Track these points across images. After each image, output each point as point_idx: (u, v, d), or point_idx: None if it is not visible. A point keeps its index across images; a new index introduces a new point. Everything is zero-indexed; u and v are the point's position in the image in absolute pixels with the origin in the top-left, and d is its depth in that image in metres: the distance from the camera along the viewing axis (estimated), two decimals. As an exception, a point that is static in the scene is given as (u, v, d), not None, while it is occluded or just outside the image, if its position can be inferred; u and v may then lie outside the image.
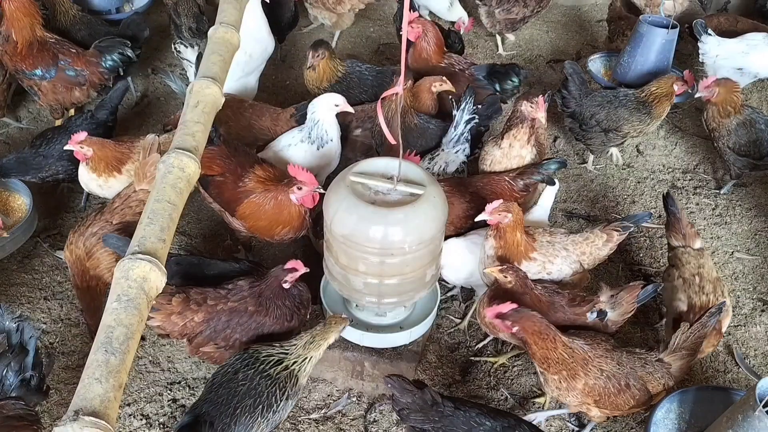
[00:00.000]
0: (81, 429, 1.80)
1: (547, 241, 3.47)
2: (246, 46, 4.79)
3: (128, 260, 2.27)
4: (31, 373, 2.77)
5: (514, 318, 2.98)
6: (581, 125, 4.66)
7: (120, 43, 4.71)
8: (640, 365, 3.10)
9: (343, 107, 3.84)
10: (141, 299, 2.19)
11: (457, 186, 3.73)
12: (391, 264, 3.02)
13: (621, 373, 3.05)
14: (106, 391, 1.91)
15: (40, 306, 3.84)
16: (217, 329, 3.16)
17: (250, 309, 3.17)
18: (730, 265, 4.32)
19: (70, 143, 3.75)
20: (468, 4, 6.22)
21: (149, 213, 2.48)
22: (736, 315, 4.00)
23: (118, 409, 3.31)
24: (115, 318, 2.11)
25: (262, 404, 2.91)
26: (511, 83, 4.66)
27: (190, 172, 2.70)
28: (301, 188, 3.43)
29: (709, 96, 4.45)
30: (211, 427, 2.81)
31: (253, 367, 2.96)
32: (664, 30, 4.89)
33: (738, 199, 4.79)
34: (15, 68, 4.57)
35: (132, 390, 3.49)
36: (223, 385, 2.95)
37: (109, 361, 1.98)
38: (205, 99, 3.05)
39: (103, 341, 2.04)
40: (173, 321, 3.10)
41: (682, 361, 3.16)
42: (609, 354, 3.08)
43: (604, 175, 4.97)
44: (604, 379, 3.02)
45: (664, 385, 3.12)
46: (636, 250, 4.40)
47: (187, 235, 4.31)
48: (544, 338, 2.95)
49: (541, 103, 3.78)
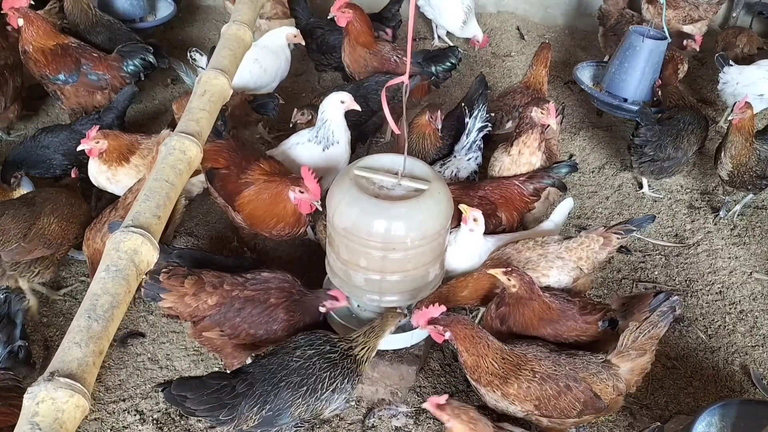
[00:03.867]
0: (55, 390, 1.75)
1: (538, 255, 3.35)
2: (263, 59, 4.91)
3: (120, 233, 2.25)
4: (18, 345, 2.74)
5: (445, 322, 2.84)
6: (666, 160, 4.55)
7: (142, 49, 4.77)
8: (583, 367, 2.92)
9: (349, 105, 3.81)
10: (130, 271, 2.15)
11: (464, 189, 3.66)
12: (393, 259, 2.96)
13: (559, 374, 2.87)
14: (85, 355, 1.87)
15: (44, 299, 3.82)
16: (227, 316, 3.09)
17: (272, 301, 3.11)
18: (748, 285, 4.19)
19: (84, 142, 3.76)
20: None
21: (146, 190, 2.46)
22: (753, 335, 3.87)
23: (113, 404, 3.32)
24: (102, 287, 2.07)
25: (308, 386, 2.84)
26: (450, 64, 4.85)
27: (191, 155, 2.68)
28: (303, 192, 3.41)
29: (740, 119, 4.24)
30: (250, 387, 2.79)
31: (314, 347, 2.91)
32: (654, 41, 4.95)
33: (758, 221, 4.68)
34: (39, 73, 4.66)
35: (128, 386, 3.44)
36: (278, 354, 2.92)
37: (91, 327, 1.94)
38: (213, 89, 3.06)
39: (87, 308, 2.01)
40: (186, 302, 3.04)
41: (632, 362, 2.96)
42: (545, 355, 2.92)
43: (619, 193, 4.89)
44: (538, 381, 2.84)
45: (614, 388, 2.93)
46: (651, 267, 4.28)
47: (194, 236, 4.29)
48: (476, 343, 2.81)
49: (552, 110, 3.71)
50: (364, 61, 4.87)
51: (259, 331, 3.15)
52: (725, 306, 4.05)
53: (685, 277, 4.23)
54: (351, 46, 4.86)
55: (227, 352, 3.28)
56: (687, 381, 3.61)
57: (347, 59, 4.92)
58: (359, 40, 4.84)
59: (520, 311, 3.01)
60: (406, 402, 3.40)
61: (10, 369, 2.73)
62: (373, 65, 4.86)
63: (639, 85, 5.03)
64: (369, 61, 4.87)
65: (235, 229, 3.95)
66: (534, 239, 3.43)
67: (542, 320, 3.03)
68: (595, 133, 5.48)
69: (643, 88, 5.04)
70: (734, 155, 4.29)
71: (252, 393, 2.80)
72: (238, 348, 3.25)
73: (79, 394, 1.78)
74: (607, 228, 3.46)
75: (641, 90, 5.05)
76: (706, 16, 6.02)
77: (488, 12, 7.02)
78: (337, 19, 4.77)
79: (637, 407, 3.46)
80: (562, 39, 6.83)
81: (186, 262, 3.35)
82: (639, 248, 4.42)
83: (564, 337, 3.07)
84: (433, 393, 3.44)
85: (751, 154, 4.25)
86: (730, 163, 4.32)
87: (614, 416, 3.41)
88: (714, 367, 3.69)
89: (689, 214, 4.73)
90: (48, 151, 4.15)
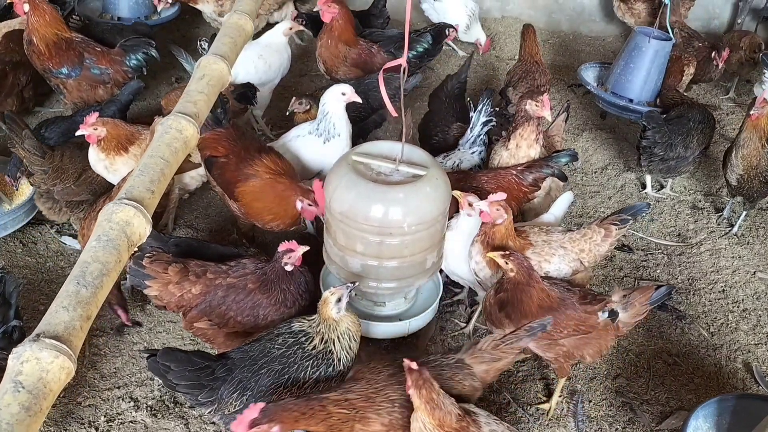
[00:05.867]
0: (40, 350, 1.73)
1: (542, 240, 3.32)
2: (267, 55, 4.93)
3: (113, 204, 2.23)
4: (13, 325, 2.72)
5: (267, 417, 2.40)
6: (675, 159, 4.51)
7: (145, 43, 4.79)
8: (437, 372, 2.70)
9: (350, 97, 3.80)
10: (121, 241, 2.14)
11: (460, 180, 3.62)
12: (389, 245, 2.94)
13: None
14: (72, 319, 1.85)
15: (41, 288, 3.82)
16: (212, 304, 3.08)
17: (250, 286, 3.09)
18: (751, 284, 4.14)
19: (83, 127, 3.77)
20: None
21: (141, 166, 2.45)
22: (756, 333, 3.82)
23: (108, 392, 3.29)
24: (92, 255, 2.06)
25: (289, 374, 2.80)
26: (422, 49, 4.95)
27: (187, 135, 2.67)
28: (311, 206, 3.42)
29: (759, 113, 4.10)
30: (229, 372, 2.77)
31: (293, 335, 2.87)
32: (659, 42, 4.94)
33: (762, 221, 4.63)
34: (42, 67, 4.67)
35: (123, 374, 3.41)
36: (261, 341, 2.89)
37: (79, 292, 1.93)
38: (212, 73, 3.05)
39: (77, 275, 1.99)
40: (170, 291, 3.04)
41: (487, 366, 2.86)
42: (393, 378, 2.68)
43: (622, 193, 4.86)
44: (399, 409, 2.61)
45: (470, 386, 2.82)
46: (653, 266, 4.24)
47: (194, 228, 4.28)
48: (311, 415, 2.48)
49: (546, 102, 3.68)
50: (343, 56, 4.89)
51: (246, 317, 3.13)
52: (728, 304, 3.99)
53: (688, 275, 4.18)
54: (332, 42, 4.86)
55: (220, 341, 3.26)
56: (689, 377, 3.56)
57: (324, 54, 4.92)
58: (342, 38, 4.85)
59: (518, 297, 2.98)
60: (403, 393, 3.36)
61: (4, 349, 2.71)
62: (351, 57, 4.88)
63: (644, 86, 5.01)
64: (347, 56, 4.88)
65: (234, 221, 3.94)
66: (539, 226, 3.41)
67: (541, 307, 2.99)
68: (598, 135, 5.45)
69: (649, 88, 5.03)
70: (746, 155, 4.16)
71: (232, 379, 2.78)
72: (230, 337, 3.23)
73: (64, 355, 1.75)
74: (601, 220, 3.43)
75: (647, 90, 5.03)
76: (678, 11, 6.00)
77: (493, 17, 7.03)
78: (322, 13, 4.79)
79: (638, 403, 3.41)
80: (567, 44, 6.83)
81: (183, 249, 3.34)
82: (641, 247, 4.38)
83: (562, 326, 3.03)
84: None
85: (762, 156, 4.15)
86: (741, 165, 4.20)
87: (614, 411, 3.37)
88: (716, 364, 3.63)
89: (692, 214, 4.69)
90: (49, 142, 4.16)
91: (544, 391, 3.44)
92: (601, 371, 3.56)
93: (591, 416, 3.34)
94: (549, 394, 3.40)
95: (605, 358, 3.53)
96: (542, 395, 3.42)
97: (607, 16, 6.93)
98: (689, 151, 4.48)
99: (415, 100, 5.41)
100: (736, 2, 6.72)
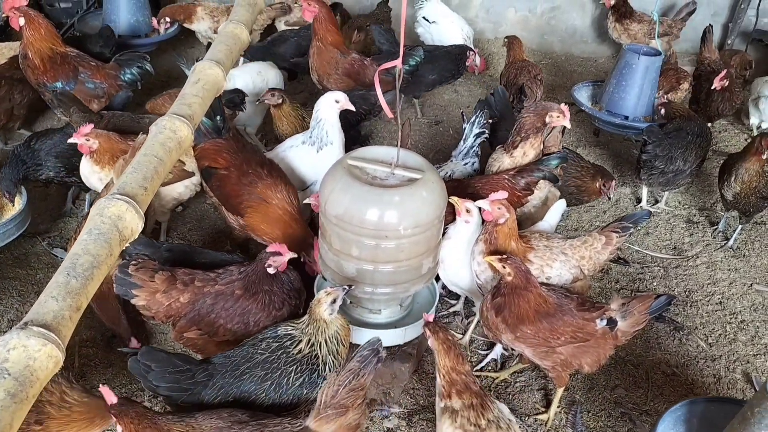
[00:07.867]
0: (27, 338, 1.68)
1: (544, 245, 3.31)
2: (265, 72, 4.97)
3: (105, 199, 2.20)
4: None
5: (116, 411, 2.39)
6: (674, 172, 4.50)
7: (139, 57, 4.80)
8: None
9: (344, 104, 3.79)
10: (113, 235, 2.10)
11: (455, 187, 3.60)
12: (385, 249, 2.90)
13: None
14: (61, 308, 1.81)
15: (31, 300, 3.75)
16: (201, 313, 3.02)
17: (237, 293, 3.03)
18: (748, 296, 4.12)
19: (76, 135, 3.75)
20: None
21: (134, 164, 2.43)
22: (755, 344, 3.79)
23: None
24: (84, 248, 2.02)
25: (272, 380, 2.75)
26: (414, 64, 4.88)
27: (181, 135, 2.66)
28: (310, 260, 3.45)
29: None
30: (210, 377, 2.71)
31: (277, 340, 2.82)
32: (649, 57, 5.01)
33: (757, 235, 4.63)
34: (37, 81, 4.66)
35: (113, 385, 3.31)
36: (245, 346, 2.85)
37: (69, 283, 1.89)
38: (207, 77, 3.05)
39: (67, 266, 1.95)
40: (158, 300, 2.98)
41: (335, 424, 2.46)
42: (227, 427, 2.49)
43: (617, 208, 4.86)
44: None
45: None
46: (650, 279, 4.22)
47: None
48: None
49: (566, 111, 3.69)
50: (335, 62, 4.83)
51: (236, 325, 3.06)
52: (725, 316, 3.97)
53: (684, 288, 4.16)
54: (321, 47, 4.80)
55: (211, 351, 3.18)
56: (688, 388, 3.52)
57: (316, 62, 4.86)
58: (328, 39, 4.78)
59: (515, 302, 2.94)
60: (399, 403, 3.30)
61: None
62: (344, 66, 4.84)
63: (638, 102, 5.05)
64: (340, 64, 4.83)
65: (229, 232, 3.90)
66: (539, 232, 3.39)
67: (538, 313, 2.95)
68: (592, 151, 5.47)
69: (643, 104, 5.06)
70: (746, 181, 4.17)
71: (213, 384, 2.72)
72: (221, 346, 3.15)
73: (52, 344, 1.71)
74: (602, 228, 3.42)
75: (641, 107, 5.06)
76: (671, 32, 6.11)
77: (486, 38, 7.11)
78: (303, 12, 4.77)
79: (637, 413, 3.36)
80: (559, 64, 6.90)
81: (176, 255, 3.30)
82: (637, 260, 4.36)
83: (559, 332, 2.98)
84: (427, 396, 3.35)
85: (761, 177, 4.15)
86: (738, 186, 4.21)
87: (613, 422, 3.31)
88: (715, 375, 3.59)
89: (687, 228, 4.69)
90: (40, 153, 4.12)
91: (542, 402, 3.39)
92: (599, 381, 3.51)
93: (590, 427, 3.28)
94: (547, 405, 3.34)
95: (604, 368, 3.47)
96: (540, 406, 3.37)
97: (599, 37, 7.02)
98: (687, 164, 4.48)
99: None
100: (726, 24, 6.82)
